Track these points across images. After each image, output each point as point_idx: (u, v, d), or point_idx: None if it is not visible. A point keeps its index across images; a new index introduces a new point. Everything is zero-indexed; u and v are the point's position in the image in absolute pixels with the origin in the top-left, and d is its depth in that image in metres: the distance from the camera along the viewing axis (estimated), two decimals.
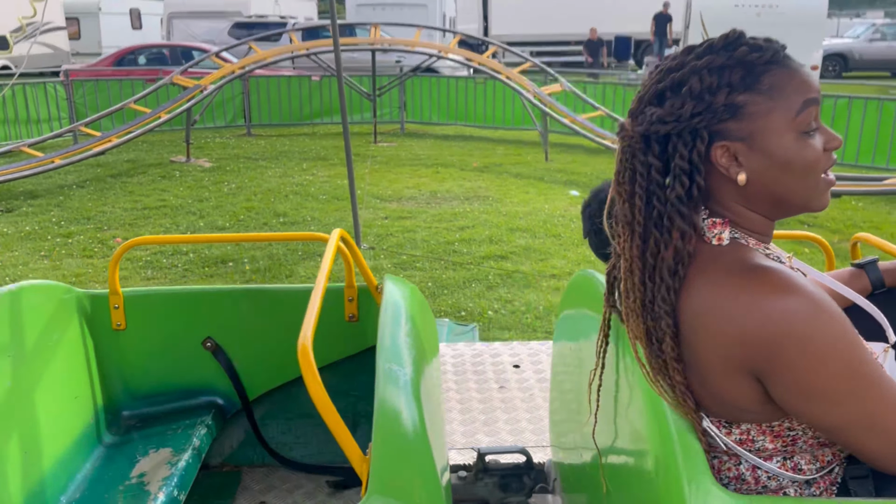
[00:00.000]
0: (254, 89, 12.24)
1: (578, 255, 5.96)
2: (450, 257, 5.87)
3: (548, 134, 10.36)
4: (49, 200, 7.69)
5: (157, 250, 6.01)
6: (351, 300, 2.38)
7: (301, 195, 7.98)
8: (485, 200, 7.78)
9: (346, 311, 2.39)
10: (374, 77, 11.70)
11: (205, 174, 9.02)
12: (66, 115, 10.97)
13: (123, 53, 14.49)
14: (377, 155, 10.46)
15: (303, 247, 6.13)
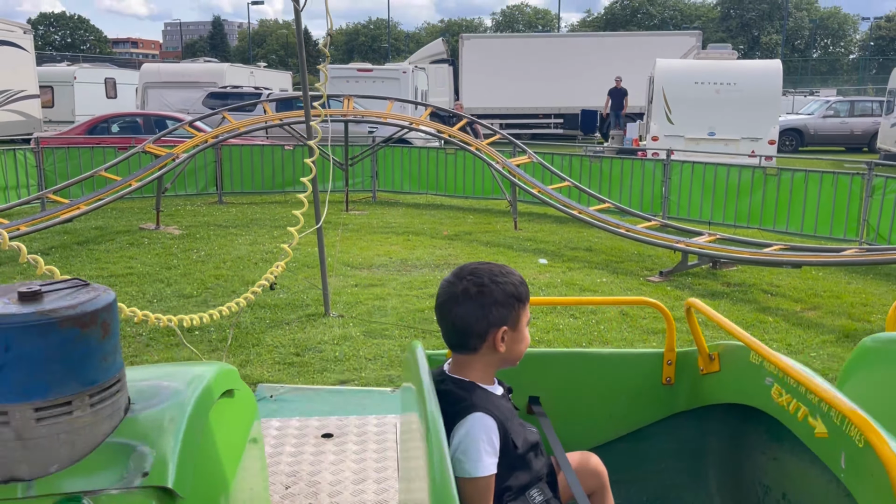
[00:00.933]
0: (227, 158, 12.33)
1: (547, 322, 5.99)
2: (420, 325, 5.86)
3: (517, 203, 10.54)
4: (13, 268, 7.57)
5: (122, 318, 5.90)
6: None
7: (270, 262, 7.94)
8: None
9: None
10: (346, 147, 11.88)
11: (174, 241, 8.98)
12: (35, 183, 10.91)
13: (96, 122, 14.56)
14: (349, 223, 10.53)
15: (270, 315, 6.08)
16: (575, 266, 8.13)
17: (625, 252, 8.92)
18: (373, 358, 5.13)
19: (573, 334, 5.73)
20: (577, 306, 6.45)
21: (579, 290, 7.05)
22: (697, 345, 2.37)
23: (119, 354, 1.53)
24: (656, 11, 70.92)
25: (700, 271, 7.90)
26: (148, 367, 2.08)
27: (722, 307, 6.59)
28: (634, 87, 21.46)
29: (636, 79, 21.27)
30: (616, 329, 5.89)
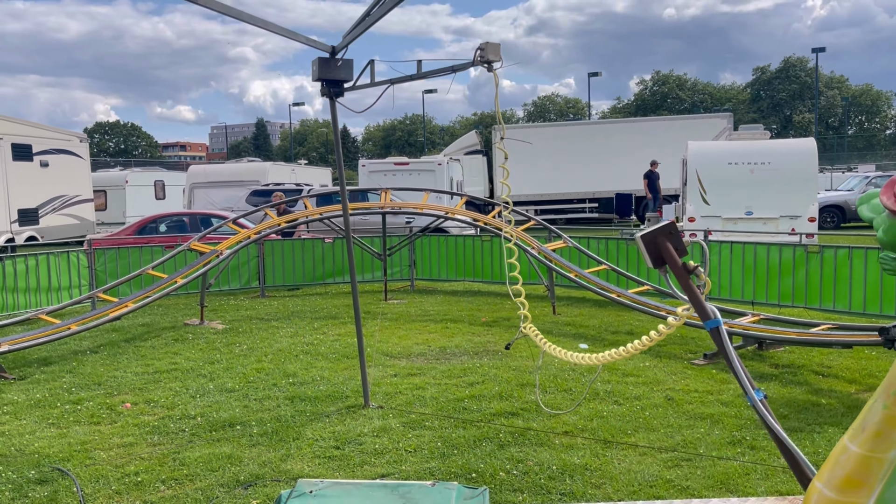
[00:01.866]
0: (269, 252, 12.66)
1: (590, 410, 5.87)
2: (460, 415, 5.79)
3: (554, 288, 10.52)
4: (62, 367, 7.76)
5: (165, 414, 5.98)
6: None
7: (311, 354, 8.02)
8: (494, 355, 7.78)
9: None
10: (384, 238, 12.12)
11: (217, 336, 9.13)
12: (86, 283, 11.31)
13: (146, 222, 15.16)
14: (387, 312, 10.60)
15: (310, 407, 6.08)
16: None
17: (668, 335, 8.76)
18: (413, 450, 5.07)
19: (617, 421, 5.59)
20: (621, 393, 6.33)
21: (622, 375, 6.92)
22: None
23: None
24: (686, 96, 72.10)
25: (746, 353, 7.70)
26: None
27: (772, 390, 6.38)
28: (667, 169, 21.64)
29: (668, 161, 21.49)
30: (662, 415, 5.74)
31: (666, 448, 5.04)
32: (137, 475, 4.72)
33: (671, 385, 6.59)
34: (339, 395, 6.40)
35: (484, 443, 5.17)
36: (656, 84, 72.92)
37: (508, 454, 4.95)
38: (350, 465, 4.85)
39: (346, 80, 5.25)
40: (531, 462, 4.80)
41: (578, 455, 4.91)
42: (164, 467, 4.85)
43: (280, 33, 4.53)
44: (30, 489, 4.55)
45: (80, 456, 5.08)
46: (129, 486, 4.57)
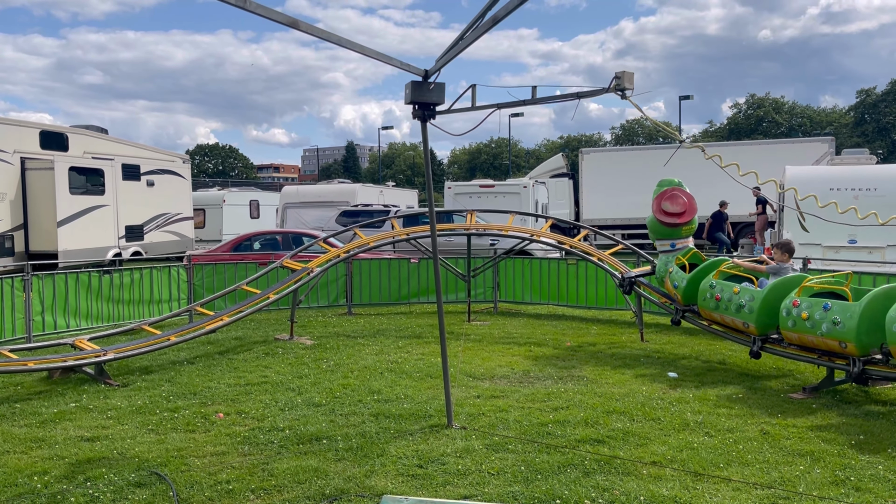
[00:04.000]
0: (356, 271, 12.94)
1: (680, 440, 5.67)
2: (544, 440, 5.71)
3: (642, 314, 10.27)
4: (161, 376, 8.15)
5: (256, 426, 6.17)
6: None
7: (396, 372, 8.11)
8: (579, 380, 7.64)
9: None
10: (468, 259, 12.17)
11: (306, 352, 9.37)
12: (185, 296, 11.87)
13: (241, 240, 15.80)
14: (471, 333, 10.61)
15: (395, 425, 6.14)
16: (708, 380, 7.72)
17: (762, 366, 8.39)
18: (496, 473, 5.03)
19: (708, 453, 5.37)
20: (712, 425, 6.08)
21: (713, 406, 6.66)
22: None
23: None
24: (783, 119, 69.33)
25: (849, 388, 7.27)
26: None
27: (877, 430, 5.99)
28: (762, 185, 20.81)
29: (764, 187, 20.65)
30: (757, 449, 5.48)
31: (762, 485, 4.80)
32: (229, 483, 4.88)
33: (766, 418, 6.28)
34: (423, 414, 6.43)
35: (568, 469, 5.08)
36: (751, 107, 70.49)
37: (594, 482, 4.83)
38: (433, 484, 4.85)
39: (438, 104, 5.35)
40: (618, 491, 4.67)
41: (667, 487, 4.75)
42: (254, 477, 5.00)
43: (376, 58, 4.67)
44: (129, 492, 4.78)
45: (176, 462, 5.30)
46: (220, 494, 4.73)
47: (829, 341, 6.82)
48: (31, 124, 16.32)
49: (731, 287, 7.93)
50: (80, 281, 10.76)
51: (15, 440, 5.89)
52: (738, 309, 7.73)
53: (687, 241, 8.90)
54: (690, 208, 8.67)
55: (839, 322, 6.66)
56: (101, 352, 7.97)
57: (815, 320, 6.88)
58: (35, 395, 7.37)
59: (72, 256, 15.43)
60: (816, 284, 7.25)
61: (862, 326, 6.56)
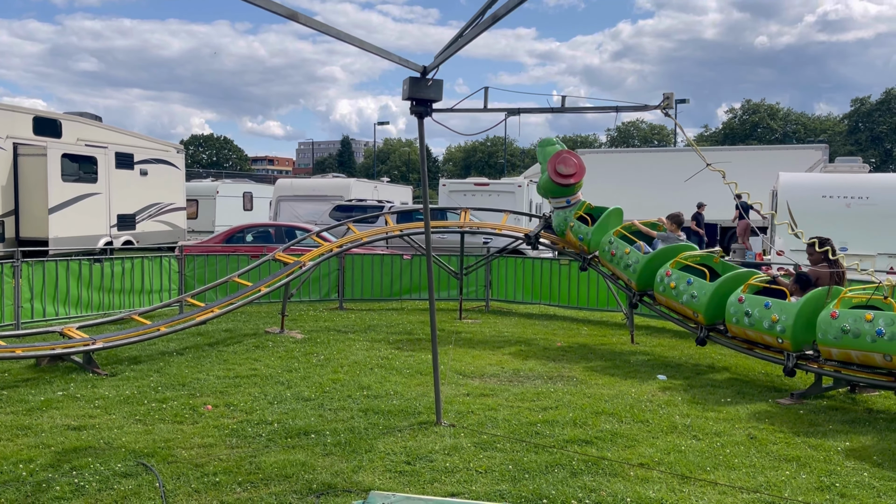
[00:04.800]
0: (349, 266, 12.91)
1: (668, 443, 5.69)
2: (532, 439, 5.72)
3: (633, 316, 10.29)
4: (150, 366, 8.11)
5: (244, 419, 6.15)
6: None
7: (386, 368, 8.11)
8: (569, 381, 7.66)
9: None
10: (461, 256, 12.17)
11: (296, 345, 9.35)
12: (176, 287, 11.82)
13: (233, 232, 15.74)
14: (462, 331, 10.61)
15: (383, 421, 6.13)
16: (696, 384, 7.75)
17: (751, 371, 8.43)
18: (484, 471, 5.03)
19: (696, 457, 5.39)
20: (700, 428, 6.11)
21: (702, 410, 6.68)
22: None
23: None
24: (778, 126, 69.63)
25: (836, 395, 7.31)
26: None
27: (864, 438, 6.03)
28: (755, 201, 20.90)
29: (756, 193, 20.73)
30: (744, 454, 5.50)
31: (748, 489, 4.82)
32: (216, 475, 4.87)
33: (754, 423, 6.31)
34: (412, 411, 6.43)
35: (556, 469, 5.09)
36: (746, 113, 70.77)
37: (581, 482, 4.84)
38: (420, 481, 4.85)
39: (436, 100, 5.34)
40: (604, 492, 4.68)
41: (654, 489, 4.76)
42: (241, 470, 4.98)
43: (375, 52, 4.66)
44: (115, 482, 4.76)
45: (163, 453, 5.28)
46: (207, 486, 4.71)
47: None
48: (24, 110, 16.20)
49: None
50: (71, 269, 10.70)
51: (1, 427, 5.86)
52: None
53: (578, 197, 10.02)
54: (580, 169, 9.72)
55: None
56: (89, 340, 7.93)
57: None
58: (22, 383, 7.32)
59: (63, 244, 15.34)
60: (690, 259, 8.65)
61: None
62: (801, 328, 7.22)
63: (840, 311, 6.82)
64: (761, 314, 7.48)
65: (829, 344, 6.86)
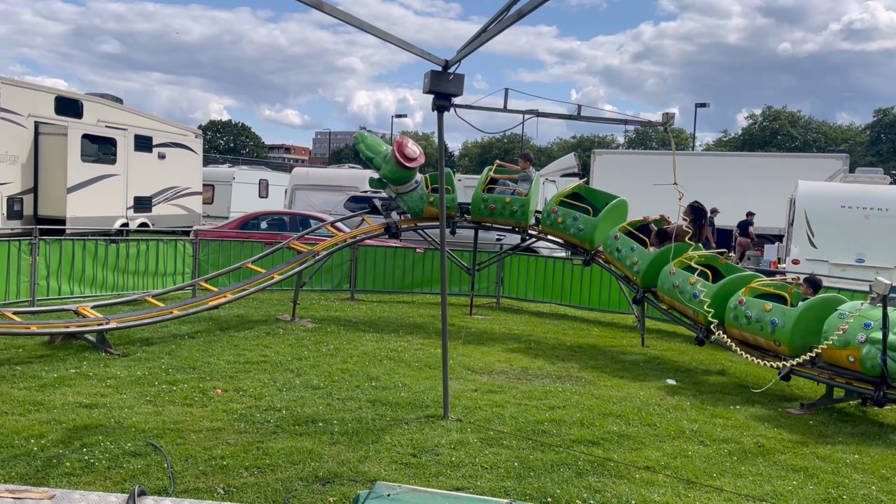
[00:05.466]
0: (361, 257, 12.94)
1: (674, 447, 5.67)
2: (538, 437, 5.72)
3: (645, 319, 10.26)
4: (162, 348, 8.18)
5: (253, 404, 6.19)
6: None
7: (395, 360, 8.13)
8: (577, 381, 7.65)
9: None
10: (474, 252, 12.16)
11: (306, 334, 9.40)
12: (189, 271, 11.90)
13: (248, 218, 15.80)
14: (472, 326, 10.62)
15: (391, 412, 6.15)
16: (706, 390, 7.72)
17: (762, 379, 8.38)
18: (489, 467, 5.04)
19: (702, 462, 5.37)
20: (708, 434, 6.08)
21: (710, 416, 6.65)
22: None
23: None
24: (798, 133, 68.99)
25: (847, 407, 7.26)
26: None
27: (873, 450, 5.98)
28: (773, 208, 20.75)
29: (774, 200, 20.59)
30: (751, 462, 5.48)
31: (754, 497, 4.80)
32: (223, 459, 4.91)
33: (763, 432, 6.28)
34: (420, 404, 6.45)
35: (562, 468, 5.09)
36: (766, 119, 70.17)
37: (586, 483, 4.84)
38: (426, 473, 4.87)
39: (457, 95, 5.33)
40: (609, 493, 4.68)
41: (659, 492, 4.75)
42: (249, 455, 5.02)
43: (397, 44, 4.66)
44: (124, 460, 4.81)
45: (172, 434, 5.33)
46: (214, 469, 4.75)
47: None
48: (47, 89, 16.34)
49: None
50: (87, 248, 10.80)
51: (14, 402, 5.93)
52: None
53: (418, 177, 10.42)
54: (421, 153, 10.09)
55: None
56: (103, 320, 8.00)
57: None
58: (36, 359, 7.41)
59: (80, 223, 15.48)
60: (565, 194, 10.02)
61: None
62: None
63: (676, 270, 8.68)
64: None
65: (663, 292, 8.89)
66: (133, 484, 4.42)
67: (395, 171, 9.97)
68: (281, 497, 4.38)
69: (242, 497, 4.36)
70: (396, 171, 9.97)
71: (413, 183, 10.28)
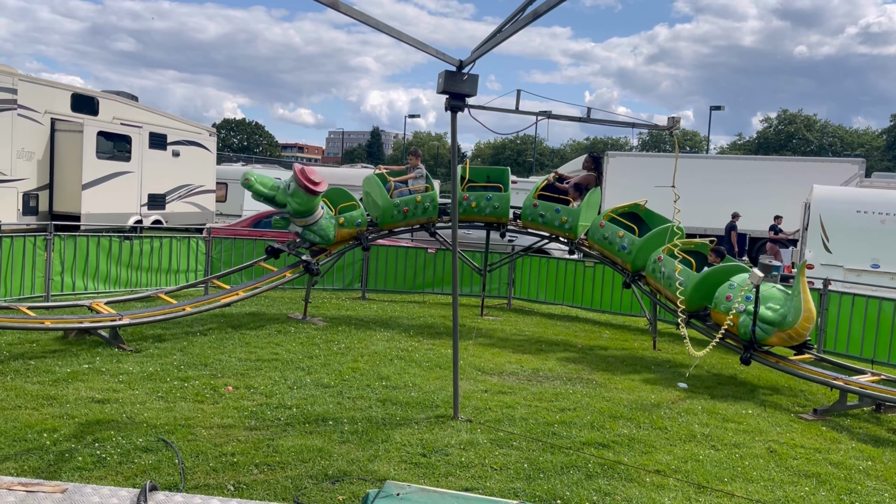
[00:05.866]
0: (373, 257, 12.96)
1: (685, 451, 5.64)
2: (548, 439, 5.70)
3: (657, 322, 10.21)
4: (174, 345, 8.22)
5: (263, 402, 6.21)
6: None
7: (405, 360, 8.13)
8: (588, 383, 7.62)
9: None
10: (486, 253, 12.15)
11: (317, 332, 9.42)
12: (202, 268, 11.96)
13: (261, 216, 15.85)
14: (483, 327, 10.60)
15: (401, 412, 6.15)
16: (718, 394, 7.67)
17: (774, 384, 8.32)
18: (499, 468, 5.03)
19: (713, 467, 5.34)
20: (719, 438, 6.04)
21: (722, 420, 6.61)
22: None
23: None
24: (814, 137, 68.47)
25: (861, 413, 7.19)
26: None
27: (886, 457, 5.92)
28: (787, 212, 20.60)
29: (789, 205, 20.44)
30: (762, 467, 5.43)
31: (766, 502, 4.76)
32: (234, 456, 4.93)
33: (775, 437, 6.23)
34: (430, 404, 6.45)
35: (571, 471, 5.07)
36: (782, 123, 69.68)
37: (596, 485, 4.82)
38: (435, 473, 4.86)
39: (471, 95, 5.33)
40: (619, 496, 4.66)
41: (669, 496, 4.72)
42: (259, 452, 5.04)
43: (412, 44, 4.66)
44: (136, 455, 4.84)
45: (183, 430, 5.35)
46: (225, 465, 4.77)
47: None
48: (63, 86, 16.47)
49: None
50: (101, 245, 10.87)
51: (27, 396, 5.98)
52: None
53: (321, 203, 9.77)
54: (322, 177, 9.51)
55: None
56: (116, 316, 8.05)
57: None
58: (49, 354, 7.47)
59: (94, 220, 15.59)
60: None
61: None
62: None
63: (605, 223, 10.05)
64: (551, 216, 10.31)
65: (592, 240, 10.23)
66: (144, 479, 4.44)
67: (304, 201, 9.30)
68: (291, 495, 4.39)
69: (252, 494, 4.37)
70: (305, 201, 9.30)
71: (319, 210, 9.66)
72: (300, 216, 9.53)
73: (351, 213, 10.03)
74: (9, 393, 6.03)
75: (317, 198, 9.46)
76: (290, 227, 9.75)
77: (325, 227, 9.74)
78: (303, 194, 9.20)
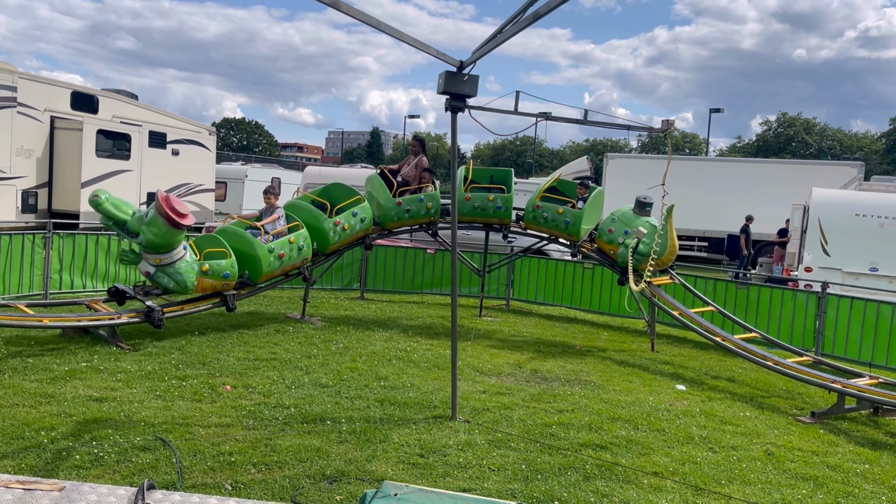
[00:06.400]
0: (372, 256, 12.96)
1: (683, 453, 5.64)
2: (546, 440, 5.70)
3: (655, 324, 10.21)
4: (172, 343, 8.21)
5: (261, 401, 6.21)
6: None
7: (404, 360, 8.13)
8: (586, 385, 7.62)
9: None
10: (485, 254, 12.15)
11: (316, 332, 9.42)
12: None
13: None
14: (481, 328, 10.61)
15: (399, 412, 6.15)
16: (715, 396, 7.67)
17: (772, 387, 8.33)
18: (496, 469, 5.03)
19: (711, 469, 5.34)
20: (717, 441, 6.05)
21: (719, 423, 6.62)
22: None
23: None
24: (813, 140, 68.53)
25: (858, 416, 7.20)
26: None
27: (884, 460, 5.93)
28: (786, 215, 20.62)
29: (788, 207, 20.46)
30: (760, 469, 5.44)
31: None
32: (231, 455, 4.92)
33: (772, 439, 6.24)
34: (428, 404, 6.45)
35: (569, 472, 5.07)
36: (781, 126, 69.74)
37: (593, 487, 4.83)
38: (433, 474, 4.86)
39: (471, 96, 5.33)
40: (617, 498, 4.66)
41: (667, 498, 4.73)
42: (257, 451, 5.03)
43: (413, 44, 4.66)
44: (133, 454, 4.83)
45: (181, 429, 5.35)
46: (223, 465, 4.77)
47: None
48: (63, 84, 16.46)
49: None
50: (100, 243, 10.86)
51: (25, 394, 5.98)
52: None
53: (184, 242, 8.29)
54: (189, 210, 8.02)
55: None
56: (115, 315, 8.05)
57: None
58: (48, 352, 7.46)
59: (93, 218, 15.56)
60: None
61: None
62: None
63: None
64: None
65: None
66: (142, 478, 4.44)
67: (162, 233, 7.77)
68: (288, 494, 4.39)
69: (250, 493, 4.37)
70: (163, 233, 7.77)
71: (181, 249, 8.10)
72: (155, 251, 7.95)
73: (219, 261, 8.50)
74: (6, 391, 6.02)
75: (180, 233, 7.94)
76: (141, 264, 8.14)
77: (184, 271, 8.10)
78: (162, 224, 7.70)
